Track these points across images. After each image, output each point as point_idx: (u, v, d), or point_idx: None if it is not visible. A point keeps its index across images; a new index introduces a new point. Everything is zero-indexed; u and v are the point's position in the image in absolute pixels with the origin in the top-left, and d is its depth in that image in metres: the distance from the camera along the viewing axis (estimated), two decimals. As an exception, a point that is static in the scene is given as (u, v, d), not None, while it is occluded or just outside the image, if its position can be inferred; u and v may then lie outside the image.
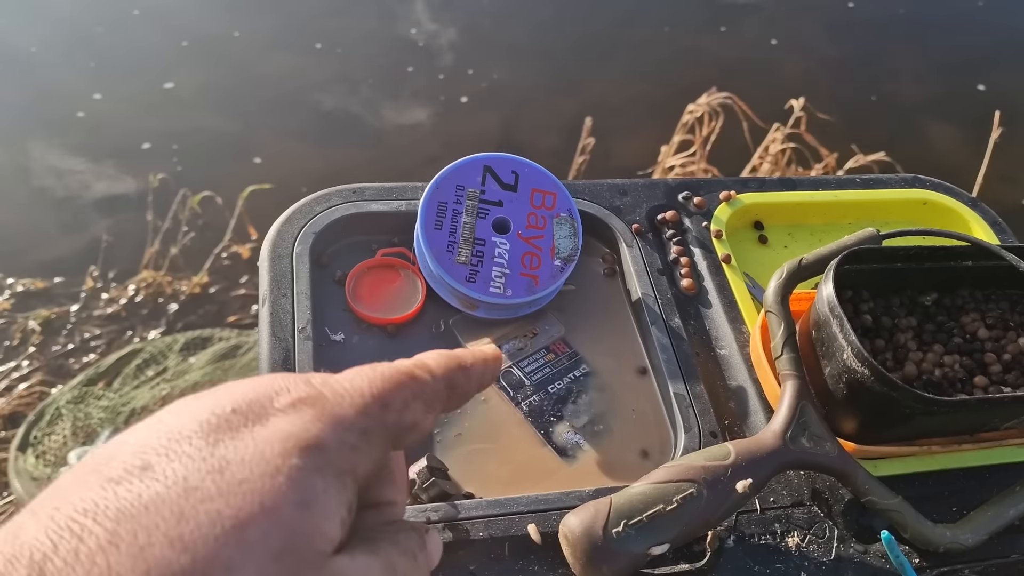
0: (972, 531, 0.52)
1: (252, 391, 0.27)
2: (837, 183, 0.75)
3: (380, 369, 0.30)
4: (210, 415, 0.25)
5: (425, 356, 0.33)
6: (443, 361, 0.33)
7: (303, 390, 0.27)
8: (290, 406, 0.26)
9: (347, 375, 0.29)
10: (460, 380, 0.33)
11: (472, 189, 0.62)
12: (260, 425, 0.25)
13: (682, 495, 0.47)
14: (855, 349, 0.50)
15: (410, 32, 2.61)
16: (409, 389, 0.30)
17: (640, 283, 0.64)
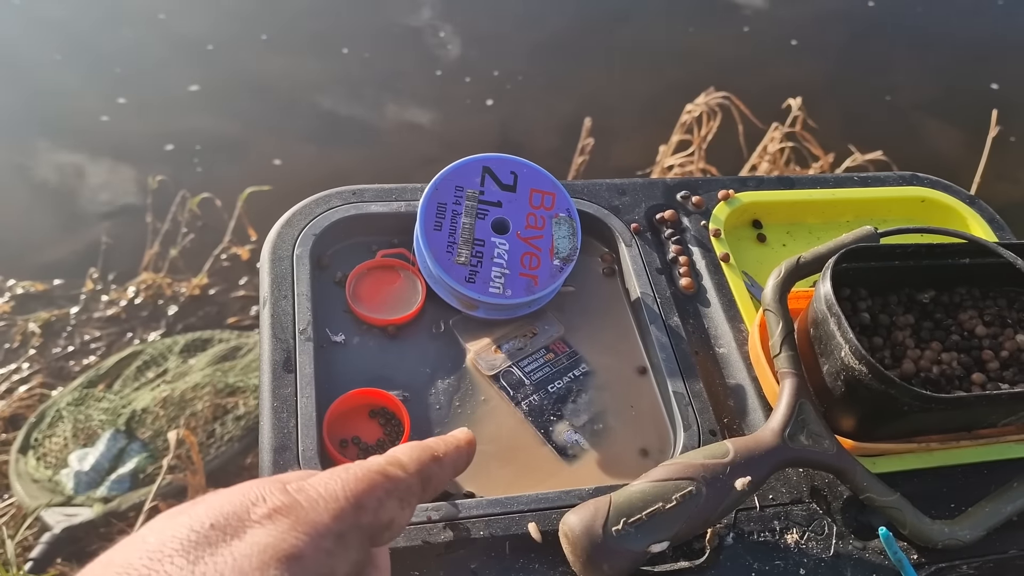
0: (970, 527, 0.52)
1: (229, 503, 0.27)
2: (835, 181, 0.76)
3: (353, 470, 0.31)
4: (189, 531, 0.26)
5: (398, 451, 0.34)
6: (415, 455, 0.34)
7: (278, 499, 0.28)
8: (266, 517, 0.27)
9: (321, 479, 0.30)
10: (434, 471, 0.35)
11: (471, 190, 0.62)
12: (238, 538, 0.26)
13: (681, 493, 0.48)
14: (853, 347, 0.50)
15: (409, 33, 2.61)
16: (382, 488, 0.31)
17: (639, 282, 0.64)
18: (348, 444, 0.55)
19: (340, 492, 0.29)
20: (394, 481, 0.32)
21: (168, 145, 2.16)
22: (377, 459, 0.33)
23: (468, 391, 0.59)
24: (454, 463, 0.38)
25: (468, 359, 0.60)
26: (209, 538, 0.26)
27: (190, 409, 1.51)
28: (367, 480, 0.30)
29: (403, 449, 0.34)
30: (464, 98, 2.40)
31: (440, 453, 0.36)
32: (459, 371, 0.60)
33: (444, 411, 0.58)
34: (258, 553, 0.26)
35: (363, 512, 0.30)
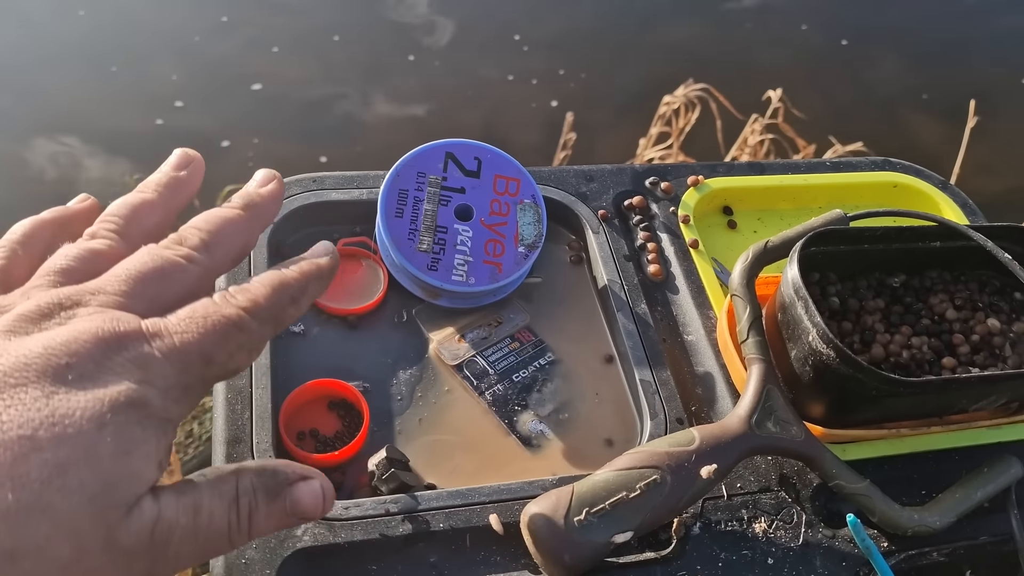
0: (940, 514, 0.51)
1: (86, 347, 0.28)
2: (807, 167, 0.75)
3: (212, 319, 0.30)
4: (46, 366, 0.27)
5: (258, 292, 0.32)
6: (275, 298, 0.33)
7: (133, 351, 0.28)
8: (120, 367, 0.28)
9: (180, 322, 0.30)
10: (289, 315, 0.34)
11: (434, 176, 0.61)
12: (91, 381, 0.27)
13: (645, 482, 0.47)
14: (820, 331, 0.49)
15: (392, 28, 2.59)
16: (235, 341, 0.31)
17: (606, 270, 0.63)
18: (305, 436, 0.53)
19: (194, 344, 0.29)
20: (248, 334, 0.31)
21: (146, 141, 2.14)
22: (234, 304, 0.31)
23: (431, 381, 0.58)
24: (312, 297, 0.36)
25: (431, 349, 0.59)
26: (65, 377, 0.27)
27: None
28: (221, 332, 0.30)
29: (263, 291, 0.32)
30: (447, 93, 2.39)
31: (298, 289, 0.34)
32: (422, 361, 0.59)
33: (406, 402, 0.56)
34: (110, 398, 0.27)
35: (212, 366, 0.30)
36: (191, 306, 0.31)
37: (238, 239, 0.36)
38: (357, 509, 0.48)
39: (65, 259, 0.32)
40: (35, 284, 0.31)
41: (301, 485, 0.33)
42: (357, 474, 0.52)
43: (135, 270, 0.31)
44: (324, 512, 0.34)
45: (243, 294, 0.32)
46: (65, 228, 0.37)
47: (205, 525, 0.30)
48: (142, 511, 0.28)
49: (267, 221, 0.38)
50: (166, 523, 0.28)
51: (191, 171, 0.38)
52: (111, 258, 0.33)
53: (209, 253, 0.34)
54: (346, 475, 0.52)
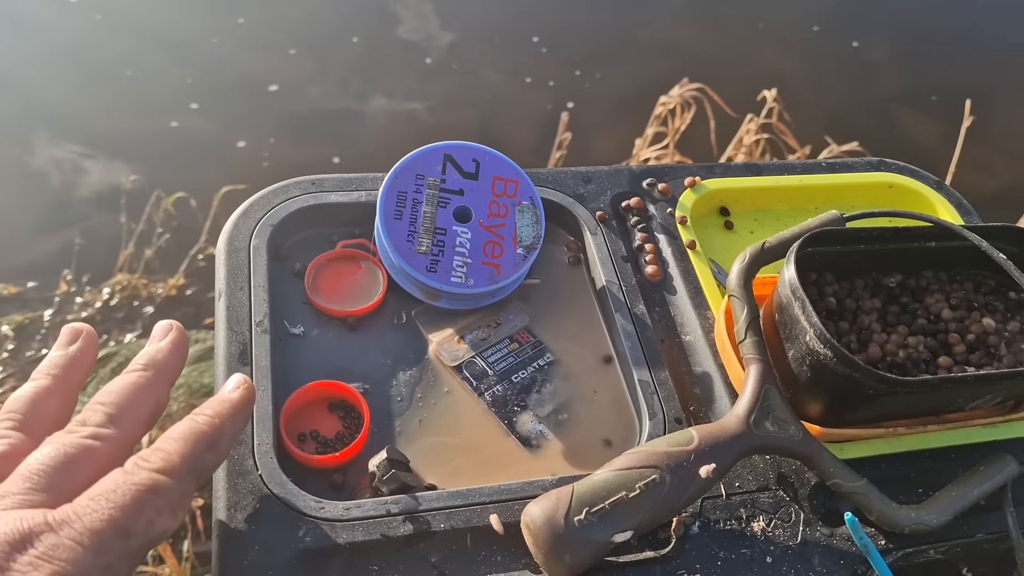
0: (937, 512, 0.52)
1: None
2: (803, 168, 0.75)
3: (120, 491, 0.29)
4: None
5: (170, 448, 0.31)
6: (188, 450, 0.32)
7: (40, 545, 0.27)
8: (28, 565, 0.27)
9: (88, 503, 0.29)
10: (208, 461, 0.33)
11: (432, 178, 0.61)
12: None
13: (645, 481, 0.47)
14: (817, 331, 0.49)
15: (389, 27, 2.59)
16: (152, 507, 0.30)
17: (604, 271, 0.63)
18: (306, 438, 0.53)
19: (106, 522, 0.28)
20: (165, 494, 0.30)
21: (142, 143, 2.14)
22: (147, 468, 0.30)
23: (430, 383, 0.58)
24: (232, 437, 0.35)
25: (430, 350, 0.59)
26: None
27: (165, 411, 1.49)
28: (135, 502, 0.29)
29: (176, 447, 0.32)
30: (443, 93, 2.39)
31: (213, 435, 0.34)
32: (421, 362, 0.59)
33: (405, 403, 0.57)
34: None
35: (131, 538, 0.29)
36: (100, 482, 0.30)
37: (146, 402, 0.35)
38: (358, 510, 0.48)
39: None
40: None
41: None
42: (358, 475, 0.52)
43: (36, 464, 0.31)
44: None
45: (155, 454, 0.31)
46: None
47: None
48: None
49: (175, 374, 0.37)
50: None
51: (82, 344, 0.38)
52: (17, 456, 0.32)
53: (117, 425, 0.33)
54: (347, 476, 0.52)
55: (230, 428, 0.35)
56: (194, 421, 0.34)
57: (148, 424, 0.35)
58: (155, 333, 0.39)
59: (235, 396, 0.36)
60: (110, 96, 2.27)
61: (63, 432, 0.33)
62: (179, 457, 0.31)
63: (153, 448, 0.32)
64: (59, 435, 0.33)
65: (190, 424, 0.33)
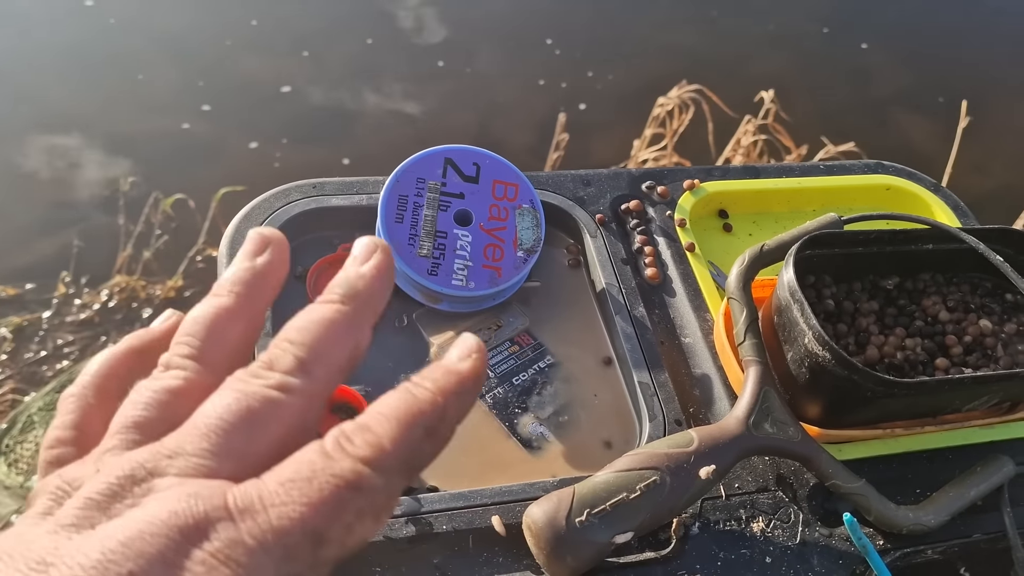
0: (935, 512, 0.52)
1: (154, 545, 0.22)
2: (801, 170, 0.76)
3: (318, 481, 0.23)
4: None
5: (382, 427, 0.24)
6: (403, 434, 0.25)
7: (216, 540, 0.22)
8: (200, 564, 0.22)
9: (277, 491, 0.23)
10: (426, 451, 0.26)
11: (433, 182, 0.62)
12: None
13: (645, 483, 0.47)
14: (816, 333, 0.50)
15: (386, 28, 2.59)
16: (353, 508, 0.23)
17: (604, 273, 0.64)
18: (309, 440, 0.54)
19: (297, 526, 0.22)
20: (371, 495, 0.23)
21: (140, 145, 2.14)
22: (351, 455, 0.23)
23: (432, 385, 0.58)
24: (454, 424, 0.26)
25: (432, 352, 0.60)
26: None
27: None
28: (334, 500, 0.23)
29: (389, 429, 0.24)
30: (441, 95, 2.39)
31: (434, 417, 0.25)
32: (422, 365, 0.58)
33: (407, 405, 0.57)
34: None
35: (324, 545, 0.23)
36: (292, 464, 0.24)
37: (344, 346, 0.28)
38: (361, 512, 0.48)
39: (135, 407, 0.27)
40: (108, 446, 0.26)
41: None
42: (360, 477, 0.52)
43: (215, 417, 0.25)
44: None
45: (362, 436, 0.24)
46: (144, 358, 0.32)
47: None
48: None
49: (379, 310, 0.29)
50: None
51: (271, 256, 0.31)
52: (190, 395, 0.27)
53: (308, 375, 0.26)
54: (349, 478, 0.52)
55: (455, 410, 0.26)
56: (411, 395, 0.26)
57: (344, 374, 0.28)
58: (356, 252, 0.30)
59: (464, 367, 0.27)
60: (117, 98, 2.27)
61: (246, 375, 0.26)
62: (391, 444, 0.24)
63: (359, 426, 0.24)
64: (242, 379, 0.26)
65: (406, 398, 0.25)
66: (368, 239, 0.30)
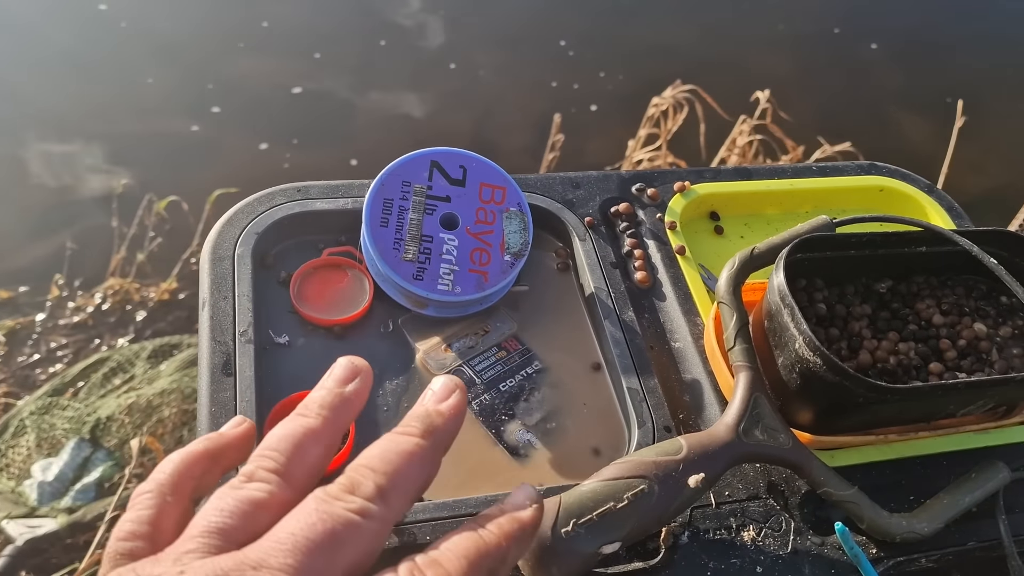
0: (928, 520, 0.51)
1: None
2: (793, 172, 0.75)
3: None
4: None
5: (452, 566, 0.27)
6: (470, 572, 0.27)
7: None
8: None
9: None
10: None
11: (419, 185, 0.61)
12: None
13: (633, 492, 0.46)
14: (807, 338, 0.49)
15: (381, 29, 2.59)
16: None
17: (593, 277, 0.63)
18: (291, 449, 0.53)
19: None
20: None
21: (133, 147, 2.13)
22: None
23: (417, 392, 0.57)
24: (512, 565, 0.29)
25: (417, 359, 0.59)
26: None
27: (157, 415, 1.48)
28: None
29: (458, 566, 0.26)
30: (436, 96, 2.39)
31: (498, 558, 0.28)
32: (408, 371, 0.58)
33: (392, 412, 0.56)
34: None
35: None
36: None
37: (419, 478, 0.30)
38: (343, 523, 0.47)
39: (219, 514, 0.28)
40: (188, 548, 0.27)
41: None
42: (343, 487, 0.51)
43: (302, 536, 0.26)
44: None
45: (433, 571, 0.26)
46: (217, 461, 0.33)
47: None
48: None
49: (449, 444, 0.32)
50: None
51: (358, 387, 0.33)
52: (271, 508, 0.28)
53: (386, 503, 0.28)
54: (332, 488, 0.51)
55: (515, 553, 0.29)
56: (480, 538, 0.28)
57: (413, 502, 0.30)
58: (435, 389, 0.34)
59: (526, 516, 0.30)
60: (125, 102, 2.26)
61: (329, 496, 0.28)
62: None
63: (431, 559, 0.27)
64: (325, 500, 0.27)
65: (475, 540, 0.28)
66: (449, 379, 0.33)
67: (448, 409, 0.32)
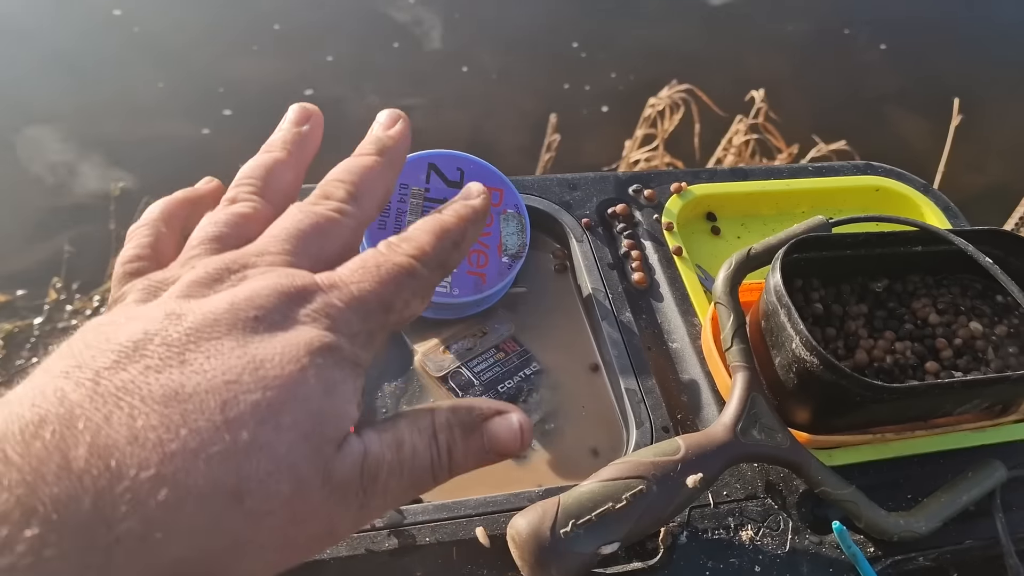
0: (926, 518, 0.51)
1: (270, 300, 0.28)
2: (789, 172, 0.75)
3: (385, 268, 0.30)
4: (235, 319, 0.27)
5: (422, 240, 0.32)
6: (437, 243, 0.32)
7: (316, 302, 0.29)
8: (308, 317, 0.28)
9: (353, 273, 0.30)
10: (452, 259, 0.33)
11: (416, 188, 0.61)
12: (283, 330, 0.27)
13: (631, 492, 0.47)
14: (804, 338, 0.49)
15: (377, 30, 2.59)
16: (408, 288, 0.31)
17: (591, 278, 0.63)
18: (290, 451, 0.53)
19: (372, 296, 0.29)
20: (420, 280, 0.31)
21: (130, 149, 2.13)
22: (403, 252, 0.31)
23: (416, 393, 0.57)
24: (472, 239, 0.35)
25: (416, 361, 0.59)
26: (256, 328, 0.27)
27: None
28: (395, 280, 0.30)
29: (427, 238, 0.32)
30: (433, 97, 2.39)
31: (458, 233, 0.33)
32: (407, 373, 0.58)
33: (391, 414, 0.56)
34: (305, 343, 0.27)
35: (391, 313, 0.30)
36: (360, 257, 0.31)
37: (380, 186, 0.35)
38: (342, 525, 0.47)
39: (215, 226, 0.32)
40: (192, 254, 0.31)
41: (497, 420, 0.32)
42: (343, 489, 0.51)
43: (294, 228, 0.31)
44: (523, 448, 0.33)
45: (408, 243, 0.32)
46: (197, 207, 0.38)
47: (409, 459, 0.30)
48: (351, 447, 0.28)
49: (400, 164, 0.37)
50: (373, 458, 0.28)
51: (312, 125, 0.38)
52: (259, 220, 0.33)
53: (358, 203, 0.34)
54: (332, 490, 0.51)
55: (472, 231, 0.34)
56: (441, 218, 0.33)
57: (380, 209, 0.36)
58: (381, 120, 0.38)
59: (477, 203, 0.35)
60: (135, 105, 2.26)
61: (309, 202, 0.33)
62: (430, 248, 0.32)
63: (404, 236, 0.32)
64: (306, 204, 0.33)
65: (437, 219, 0.33)
66: (391, 110, 0.38)
67: (396, 132, 0.37)
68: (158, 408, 0.24)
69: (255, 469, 0.25)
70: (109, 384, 0.24)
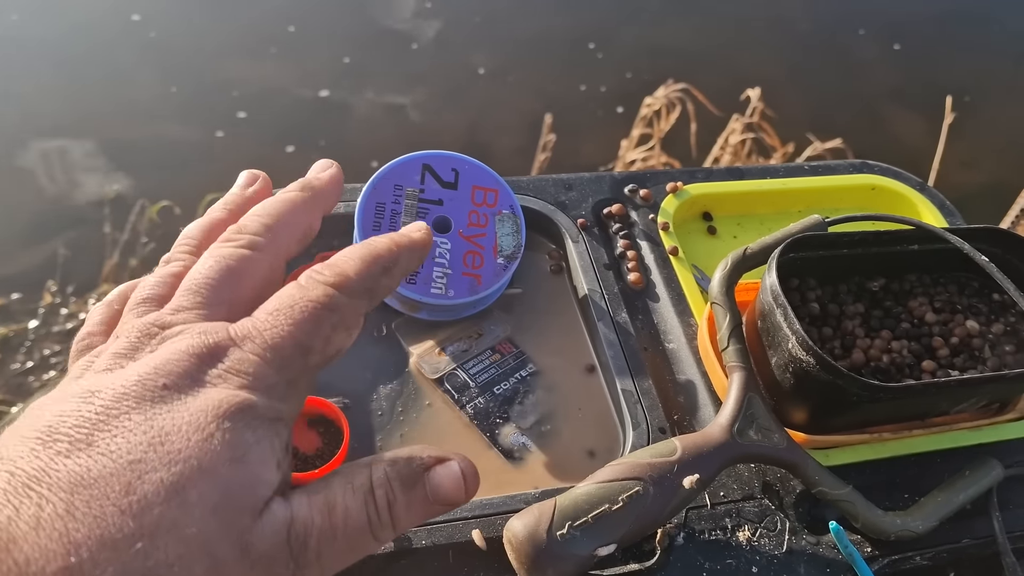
0: (923, 518, 0.51)
1: (179, 366, 0.27)
2: (785, 171, 0.75)
3: (299, 307, 0.29)
4: (143, 391, 0.27)
5: (346, 265, 0.31)
6: (364, 270, 0.31)
7: (228, 359, 0.28)
8: (217, 377, 0.27)
9: (266, 319, 0.29)
10: (382, 285, 0.32)
11: (411, 188, 0.61)
12: (191, 396, 0.27)
13: (628, 493, 0.46)
14: (800, 338, 0.49)
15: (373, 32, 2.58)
16: (328, 323, 0.30)
17: (587, 279, 0.63)
18: (285, 455, 0.53)
19: (288, 342, 0.28)
20: (341, 312, 0.30)
21: (125, 152, 2.13)
22: (321, 282, 0.30)
23: (411, 396, 0.57)
24: (405, 269, 0.34)
25: (411, 363, 0.59)
26: (164, 397, 0.26)
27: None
28: (312, 318, 0.29)
29: (352, 264, 0.31)
30: (429, 98, 2.38)
31: (390, 261, 0.33)
32: (402, 375, 0.58)
33: (386, 417, 0.56)
34: (212, 408, 0.26)
35: (311, 354, 0.29)
36: (275, 298, 0.30)
37: (301, 220, 0.35)
38: (338, 528, 0.47)
39: (144, 289, 0.33)
40: (123, 321, 0.31)
41: (439, 469, 0.31)
42: (338, 492, 0.51)
43: (203, 278, 0.31)
44: (468, 496, 0.32)
45: (330, 269, 0.31)
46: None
47: (342, 522, 0.29)
48: (273, 514, 0.27)
49: (329, 205, 0.37)
50: (301, 524, 0.28)
51: (259, 187, 0.39)
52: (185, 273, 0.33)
53: (273, 235, 0.34)
54: (327, 493, 0.51)
55: (406, 260, 0.34)
56: (371, 243, 0.33)
57: (300, 246, 0.36)
58: (315, 167, 0.39)
59: (416, 236, 0.35)
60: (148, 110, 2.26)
61: (220, 242, 0.33)
62: (354, 274, 0.31)
63: (327, 263, 0.32)
64: (217, 246, 0.33)
65: (368, 244, 0.33)
66: (324, 160, 0.39)
67: (326, 175, 0.38)
68: (64, 496, 0.23)
69: (164, 554, 0.24)
70: (22, 474, 0.24)
